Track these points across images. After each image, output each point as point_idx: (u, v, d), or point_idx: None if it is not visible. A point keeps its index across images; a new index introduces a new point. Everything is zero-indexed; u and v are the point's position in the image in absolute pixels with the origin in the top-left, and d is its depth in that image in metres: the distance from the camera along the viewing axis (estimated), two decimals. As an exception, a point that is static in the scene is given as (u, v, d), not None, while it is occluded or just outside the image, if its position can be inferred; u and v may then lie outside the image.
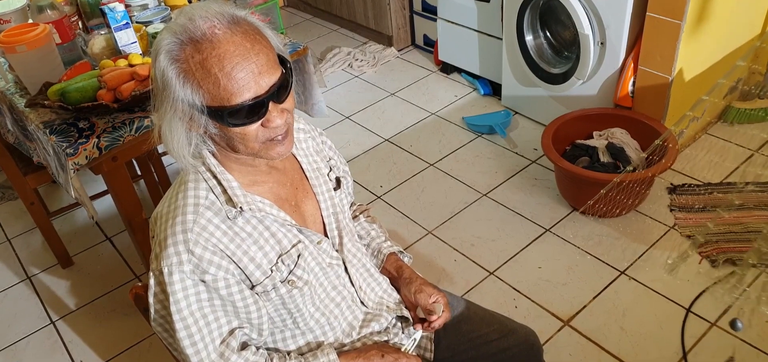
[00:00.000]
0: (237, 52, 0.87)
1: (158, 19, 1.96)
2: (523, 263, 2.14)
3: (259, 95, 0.89)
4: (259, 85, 0.89)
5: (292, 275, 1.04)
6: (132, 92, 1.61)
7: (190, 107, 0.90)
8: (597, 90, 2.50)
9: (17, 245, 2.55)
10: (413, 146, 2.83)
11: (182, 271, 0.94)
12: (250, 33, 0.90)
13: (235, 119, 0.90)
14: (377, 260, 1.26)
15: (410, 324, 1.23)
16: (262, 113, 0.91)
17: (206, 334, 0.98)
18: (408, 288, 1.20)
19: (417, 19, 3.57)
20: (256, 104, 0.90)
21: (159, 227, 0.99)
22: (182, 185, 1.00)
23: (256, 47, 0.89)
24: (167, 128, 0.93)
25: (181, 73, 0.88)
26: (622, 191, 2.12)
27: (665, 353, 1.79)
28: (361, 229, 1.30)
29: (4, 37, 1.73)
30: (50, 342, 2.09)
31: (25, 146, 1.88)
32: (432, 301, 1.17)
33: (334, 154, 1.22)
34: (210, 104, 0.89)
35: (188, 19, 0.88)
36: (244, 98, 0.88)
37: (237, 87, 0.88)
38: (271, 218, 1.02)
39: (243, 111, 0.89)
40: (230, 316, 1.00)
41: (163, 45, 0.89)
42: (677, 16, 2.10)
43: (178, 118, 0.91)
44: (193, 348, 0.98)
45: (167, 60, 0.88)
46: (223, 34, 0.88)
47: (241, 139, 0.93)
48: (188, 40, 0.88)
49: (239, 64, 0.87)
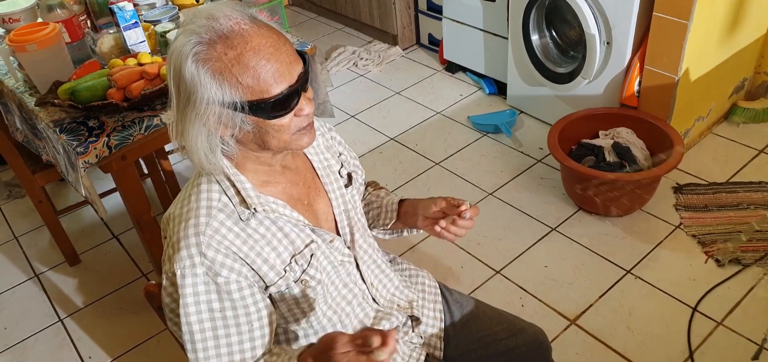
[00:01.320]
0: (269, 44, 0.88)
1: (166, 18, 1.97)
2: (530, 263, 2.15)
3: (293, 83, 0.91)
4: (291, 75, 0.90)
5: (305, 274, 1.04)
6: (142, 91, 1.62)
7: (223, 106, 0.88)
8: (603, 90, 2.50)
9: (25, 243, 2.56)
10: (419, 145, 2.84)
11: (195, 274, 0.94)
12: (272, 28, 0.92)
13: (276, 110, 0.90)
14: (390, 212, 1.24)
15: (420, 324, 1.23)
16: (297, 103, 0.93)
17: (211, 348, 0.97)
18: (429, 203, 1.17)
19: (422, 18, 3.57)
20: (292, 93, 0.91)
21: (172, 229, 0.99)
22: (195, 187, 0.99)
23: (281, 39, 0.91)
24: (190, 132, 0.90)
25: (216, 74, 0.86)
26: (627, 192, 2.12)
27: (672, 352, 1.79)
28: (370, 197, 1.29)
29: (14, 36, 1.73)
30: (58, 340, 2.11)
31: (33, 145, 1.89)
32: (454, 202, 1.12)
33: (343, 149, 1.22)
34: (250, 99, 0.88)
35: (210, 19, 0.87)
36: (281, 89, 0.89)
37: (274, 78, 0.88)
38: (284, 219, 1.02)
39: (280, 101, 0.90)
40: (243, 334, 0.98)
41: (186, 49, 0.86)
42: (684, 16, 2.11)
43: (202, 122, 0.89)
44: (193, 355, 0.97)
45: (196, 62, 0.86)
46: (251, 29, 0.88)
47: (276, 131, 0.93)
48: (217, 38, 0.87)
49: (273, 55, 0.88)
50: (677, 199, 2.30)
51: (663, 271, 2.04)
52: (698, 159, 2.49)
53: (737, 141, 2.56)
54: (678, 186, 2.36)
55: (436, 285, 1.32)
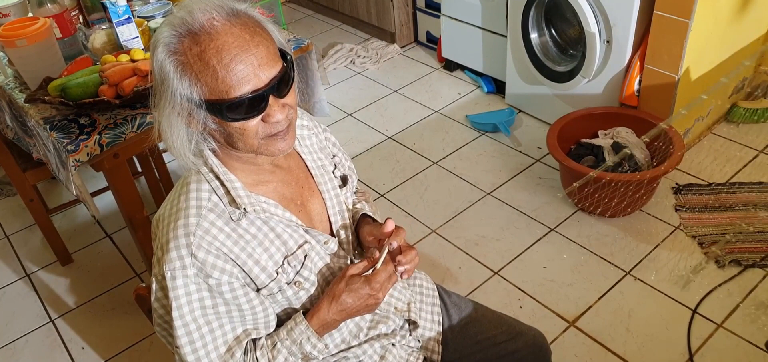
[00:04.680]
0: (236, 44, 0.85)
1: (160, 14, 1.93)
2: (528, 263, 2.12)
3: (259, 88, 0.87)
4: (258, 78, 0.87)
5: (298, 276, 1.01)
6: (134, 88, 1.59)
7: (189, 101, 0.87)
8: (602, 89, 2.48)
9: (16, 242, 2.52)
10: (416, 143, 2.81)
11: (186, 275, 0.92)
12: (249, 25, 0.88)
13: (235, 113, 0.87)
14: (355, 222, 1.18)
15: (418, 327, 1.21)
16: (262, 107, 0.89)
17: (209, 341, 0.95)
18: (369, 225, 1.12)
19: (420, 15, 3.54)
20: (256, 98, 0.87)
21: (161, 230, 0.96)
22: (184, 187, 0.97)
23: (255, 39, 0.87)
24: (167, 124, 0.90)
25: (179, 66, 0.86)
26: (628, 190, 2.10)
27: (671, 354, 1.77)
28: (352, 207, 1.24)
29: (4, 31, 1.70)
30: (49, 341, 2.07)
31: (24, 142, 1.86)
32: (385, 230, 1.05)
33: (338, 151, 1.20)
34: (208, 98, 0.86)
35: (187, 13, 0.86)
36: (243, 91, 0.86)
37: (236, 80, 0.85)
38: (276, 219, 0.99)
39: (243, 105, 0.87)
40: (235, 322, 0.98)
41: (161, 38, 0.87)
42: (685, 15, 2.08)
43: (177, 113, 0.89)
44: (194, 355, 0.95)
45: (165, 53, 0.86)
46: (222, 26, 0.86)
47: (240, 135, 0.90)
48: (186, 32, 0.86)
49: (238, 56, 0.85)
50: (677, 199, 2.28)
51: (663, 272, 2.02)
52: (698, 159, 2.47)
53: (737, 141, 2.55)
54: (678, 187, 2.33)
55: (433, 288, 1.30)
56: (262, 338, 1.01)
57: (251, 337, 1.00)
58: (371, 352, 1.14)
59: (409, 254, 1.03)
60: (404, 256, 1.02)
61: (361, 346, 1.13)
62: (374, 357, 1.14)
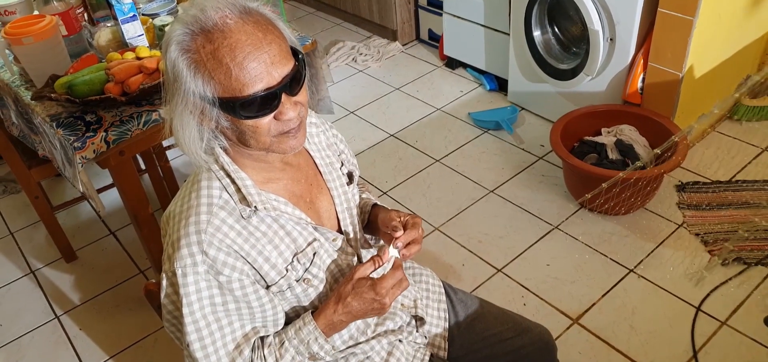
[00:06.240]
0: (249, 42, 0.85)
1: (165, 11, 1.94)
2: (532, 261, 2.13)
3: (272, 86, 0.87)
4: (271, 76, 0.87)
5: (307, 273, 1.02)
6: (140, 85, 1.59)
7: (202, 99, 0.87)
8: (606, 86, 2.48)
9: (21, 239, 2.53)
10: (419, 141, 2.81)
11: (196, 272, 0.92)
12: (262, 23, 0.88)
13: (248, 111, 0.88)
14: (364, 214, 1.21)
15: (424, 324, 1.22)
16: (275, 105, 0.89)
17: (218, 339, 0.96)
18: (387, 217, 1.14)
19: (422, 13, 3.54)
20: (269, 96, 0.87)
21: (172, 227, 0.96)
22: (195, 184, 0.97)
23: (268, 37, 0.87)
24: (179, 122, 0.90)
25: (192, 64, 0.86)
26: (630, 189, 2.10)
27: (675, 351, 1.77)
28: None
29: (10, 29, 1.70)
30: (55, 337, 2.08)
31: (29, 139, 1.86)
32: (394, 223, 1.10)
33: (344, 147, 1.20)
34: (222, 96, 0.86)
35: (199, 10, 0.86)
36: (256, 89, 0.86)
37: (249, 77, 0.85)
38: (286, 217, 1.00)
39: (255, 103, 0.87)
40: (244, 319, 0.98)
41: (173, 36, 0.87)
42: (689, 13, 2.08)
43: (189, 111, 0.89)
44: (203, 351, 0.95)
45: (178, 51, 0.86)
46: (235, 24, 0.86)
47: (252, 132, 0.90)
48: (199, 30, 0.86)
49: (251, 54, 0.85)
50: (680, 197, 2.29)
51: (666, 270, 2.02)
52: (702, 157, 2.47)
53: (741, 139, 2.55)
54: (681, 184, 2.34)
55: (439, 285, 1.30)
56: (270, 336, 1.02)
57: (260, 334, 1.00)
58: (378, 348, 1.14)
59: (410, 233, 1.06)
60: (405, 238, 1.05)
61: (368, 342, 1.13)
62: (381, 353, 1.15)
